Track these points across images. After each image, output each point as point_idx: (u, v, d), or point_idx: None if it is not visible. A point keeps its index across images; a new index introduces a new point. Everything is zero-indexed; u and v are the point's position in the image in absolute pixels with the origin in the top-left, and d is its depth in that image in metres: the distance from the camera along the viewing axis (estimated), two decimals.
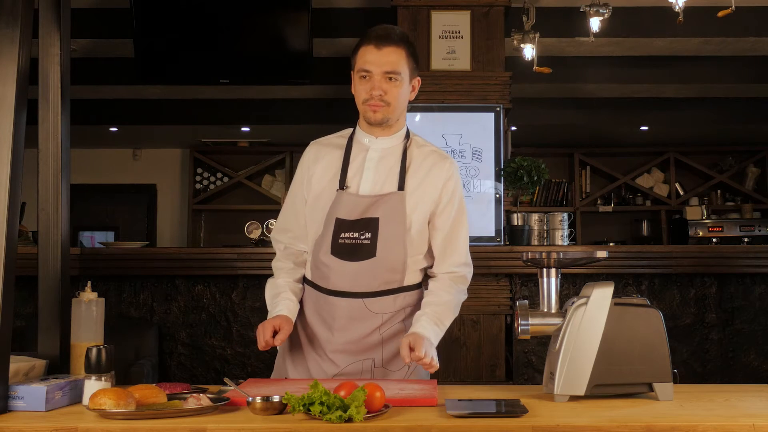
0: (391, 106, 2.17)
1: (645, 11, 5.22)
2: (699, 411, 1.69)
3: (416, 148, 2.24)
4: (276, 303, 2.20)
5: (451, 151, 4.38)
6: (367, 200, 2.15)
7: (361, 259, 2.13)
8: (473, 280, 2.31)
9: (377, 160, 2.20)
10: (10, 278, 1.71)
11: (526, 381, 3.93)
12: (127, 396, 1.64)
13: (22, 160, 1.77)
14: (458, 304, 2.22)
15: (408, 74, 2.19)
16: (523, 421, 1.59)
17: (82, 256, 3.80)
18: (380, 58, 2.14)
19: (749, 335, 3.96)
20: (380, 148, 2.22)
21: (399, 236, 2.14)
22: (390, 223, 2.13)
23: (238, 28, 5.13)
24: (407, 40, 2.20)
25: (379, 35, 2.15)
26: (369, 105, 2.17)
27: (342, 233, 2.14)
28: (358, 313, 2.15)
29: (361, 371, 2.16)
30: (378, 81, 2.15)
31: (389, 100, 2.16)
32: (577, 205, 8.07)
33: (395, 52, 2.15)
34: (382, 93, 2.15)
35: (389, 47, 2.14)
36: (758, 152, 8.12)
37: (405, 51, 2.17)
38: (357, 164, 2.21)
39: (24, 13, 1.78)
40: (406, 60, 2.17)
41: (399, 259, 2.15)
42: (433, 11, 4.57)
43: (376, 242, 2.12)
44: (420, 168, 2.21)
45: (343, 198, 2.16)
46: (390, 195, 2.15)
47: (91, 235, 8.66)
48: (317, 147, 2.30)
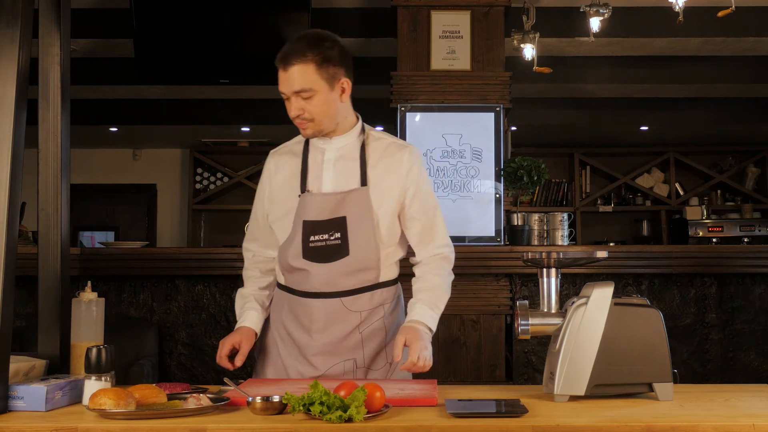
0: (316, 121, 2.13)
1: (645, 11, 5.22)
2: (699, 411, 1.69)
3: (373, 142, 2.23)
4: (242, 315, 2.23)
5: (451, 151, 4.38)
6: (332, 198, 2.14)
7: (335, 259, 2.13)
8: (473, 280, 2.33)
9: (335, 160, 2.19)
10: (10, 278, 1.71)
11: (526, 381, 3.93)
12: (127, 396, 1.64)
13: (22, 160, 1.77)
14: (449, 284, 2.26)
15: (325, 83, 2.10)
16: (523, 421, 1.59)
17: (82, 256, 3.79)
18: (287, 80, 2.09)
19: (749, 335, 3.96)
20: (336, 147, 2.20)
21: (369, 232, 2.13)
22: (358, 220, 2.13)
23: (238, 28, 5.13)
24: (317, 48, 2.09)
25: (283, 55, 2.09)
26: (297, 123, 2.15)
27: (311, 236, 2.13)
28: (337, 313, 2.14)
29: (343, 373, 2.15)
30: (294, 102, 2.11)
31: (310, 116, 2.12)
32: (577, 205, 8.07)
33: (300, 70, 2.07)
34: (301, 112, 2.11)
35: (293, 66, 2.07)
36: (758, 152, 8.12)
37: (313, 63, 2.07)
38: (316, 167, 2.20)
39: (24, 13, 1.78)
40: (315, 71, 2.07)
41: (372, 255, 2.15)
42: (433, 11, 4.57)
43: (347, 241, 2.12)
44: (380, 161, 2.19)
45: (308, 200, 2.15)
46: (354, 191, 2.14)
47: (91, 235, 8.66)
48: (276, 156, 2.29)
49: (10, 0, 1.77)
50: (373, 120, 7.65)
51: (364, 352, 2.16)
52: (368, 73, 5.87)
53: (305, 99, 2.09)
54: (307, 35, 2.13)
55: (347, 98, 2.18)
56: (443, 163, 4.37)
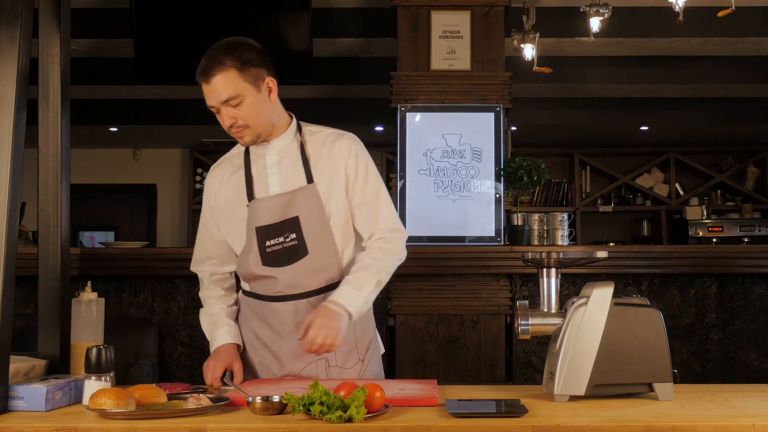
0: (251, 126, 2.10)
1: (645, 11, 5.22)
2: (699, 411, 1.69)
3: (311, 137, 2.20)
4: (215, 333, 2.19)
5: (451, 151, 4.38)
6: (281, 199, 2.12)
7: (295, 260, 2.11)
8: (473, 280, 2.32)
9: (278, 163, 2.17)
10: (10, 278, 1.71)
11: (526, 381, 3.93)
12: (127, 396, 1.64)
13: (22, 160, 1.77)
14: (384, 268, 2.14)
15: (250, 86, 2.07)
16: (523, 421, 1.59)
17: (82, 256, 3.79)
18: (213, 92, 2.05)
19: (749, 335, 3.96)
20: (275, 151, 2.18)
21: (324, 229, 2.12)
22: (311, 218, 2.11)
23: (238, 28, 5.07)
24: (234, 54, 2.06)
25: (202, 69, 2.06)
26: (233, 134, 2.12)
27: (267, 241, 2.12)
28: (305, 314, 2.11)
29: (316, 373, 2.15)
30: (224, 112, 2.08)
31: (245, 122, 2.09)
32: (577, 205, 8.07)
33: (222, 78, 2.04)
34: (235, 120, 2.08)
35: (215, 76, 2.04)
36: (758, 152, 8.12)
37: (233, 69, 2.04)
38: (260, 174, 2.18)
39: (24, 13, 1.78)
40: (238, 76, 2.05)
41: (331, 251, 2.13)
42: (433, 11, 4.57)
43: (304, 240, 2.10)
44: (320, 155, 2.16)
45: (256, 206, 2.13)
46: (301, 190, 2.13)
47: (91, 235, 8.66)
48: (218, 170, 2.26)
49: (10, 0, 1.77)
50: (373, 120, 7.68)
51: (336, 352, 2.13)
52: (368, 73, 5.89)
53: (235, 107, 2.06)
54: (221, 44, 2.09)
55: (275, 97, 2.15)
56: (443, 163, 4.37)
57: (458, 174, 4.36)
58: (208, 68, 2.05)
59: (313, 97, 6.54)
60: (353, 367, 2.17)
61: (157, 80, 5.60)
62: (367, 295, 2.09)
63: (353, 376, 2.16)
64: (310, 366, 2.15)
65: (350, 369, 2.17)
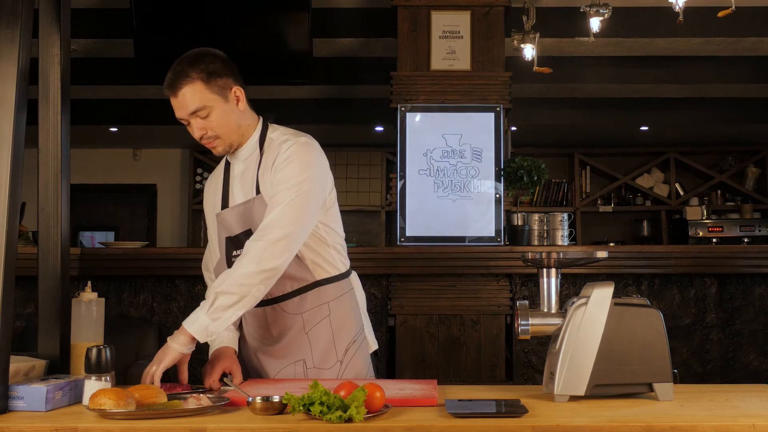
0: (222, 136, 2.11)
1: (645, 11, 5.22)
2: (699, 411, 1.69)
3: (268, 147, 2.17)
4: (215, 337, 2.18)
5: (451, 151, 4.38)
6: (235, 212, 2.14)
7: None
8: (473, 280, 2.31)
9: (242, 173, 2.18)
10: (10, 278, 1.71)
11: (526, 381, 3.93)
12: (127, 396, 1.64)
13: (22, 160, 1.77)
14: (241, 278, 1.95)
15: (217, 97, 2.07)
16: (523, 421, 1.59)
17: (82, 256, 3.79)
18: (181, 104, 2.06)
19: (749, 335, 3.96)
20: (241, 160, 2.19)
21: None
22: None
23: (238, 28, 5.13)
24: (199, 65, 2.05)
25: (169, 82, 2.05)
26: (205, 144, 2.13)
27: (233, 251, 2.14)
28: (278, 319, 2.15)
29: (294, 374, 2.16)
30: (194, 123, 2.08)
31: (215, 133, 2.10)
32: (577, 205, 8.07)
33: (189, 91, 2.04)
34: (204, 132, 2.09)
35: (181, 89, 2.04)
36: (758, 152, 8.12)
37: (199, 81, 2.04)
38: (228, 184, 2.22)
39: (24, 13, 1.78)
40: (205, 88, 2.05)
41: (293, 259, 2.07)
42: (433, 11, 4.57)
43: None
44: (270, 163, 2.13)
45: (221, 218, 2.19)
46: (250, 201, 2.12)
47: (91, 235, 8.66)
48: (208, 180, 2.33)
49: (10, 0, 1.77)
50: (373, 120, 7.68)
51: (312, 352, 2.15)
52: (368, 73, 5.90)
53: (204, 118, 2.07)
54: (185, 57, 2.09)
55: (244, 105, 2.14)
56: (443, 163, 4.37)
57: (458, 174, 4.36)
58: (175, 81, 2.06)
59: (313, 97, 6.54)
60: (331, 368, 2.17)
61: (157, 80, 5.51)
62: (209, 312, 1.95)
63: (332, 377, 2.15)
64: (288, 368, 2.16)
65: (328, 370, 2.17)
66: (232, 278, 1.95)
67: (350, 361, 2.18)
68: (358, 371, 2.20)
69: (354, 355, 2.21)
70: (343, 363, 2.18)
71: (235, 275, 1.95)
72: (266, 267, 1.96)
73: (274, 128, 2.22)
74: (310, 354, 2.15)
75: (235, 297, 1.94)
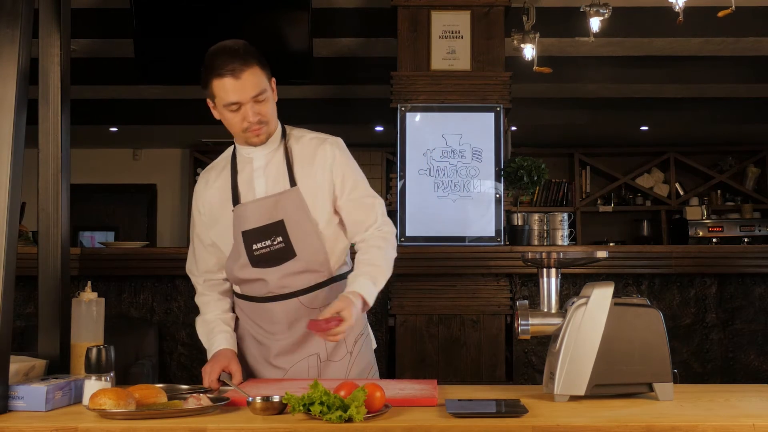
0: (270, 123, 2.15)
1: (645, 11, 5.22)
2: (699, 411, 1.69)
3: (295, 143, 2.22)
4: (212, 340, 2.20)
5: (451, 151, 4.38)
6: (266, 202, 2.14)
7: (283, 262, 2.13)
8: (473, 280, 2.32)
9: (264, 168, 2.19)
10: (10, 278, 1.71)
11: (526, 381, 3.93)
12: (127, 396, 1.64)
13: (22, 160, 1.77)
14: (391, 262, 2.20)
15: (269, 83, 2.13)
16: (523, 421, 1.59)
17: (82, 256, 3.79)
18: (242, 87, 2.06)
19: (749, 335, 3.96)
20: (263, 155, 2.20)
21: (310, 231, 2.14)
22: (296, 221, 2.13)
23: (238, 27, 5.12)
24: (252, 52, 2.11)
25: (231, 66, 2.05)
26: (251, 132, 2.12)
27: (254, 244, 2.13)
28: (296, 313, 2.15)
29: (308, 368, 2.17)
30: (250, 108, 2.08)
31: (266, 118, 2.12)
32: (577, 205, 8.07)
33: (252, 74, 2.07)
34: (260, 116, 2.11)
35: (244, 72, 2.06)
36: (758, 152, 8.13)
37: (257, 65, 2.09)
38: (246, 178, 2.20)
39: (24, 13, 1.78)
40: (262, 73, 2.10)
41: (319, 253, 2.15)
42: (433, 11, 4.56)
43: (291, 243, 2.12)
44: (303, 159, 2.19)
45: (241, 210, 2.15)
46: (286, 193, 2.14)
47: (91, 235, 8.66)
48: (206, 175, 2.29)
49: (10, 0, 1.77)
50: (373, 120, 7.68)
51: (326, 345, 2.17)
52: (368, 73, 5.89)
53: (260, 102, 2.09)
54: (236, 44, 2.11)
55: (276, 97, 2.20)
56: (443, 163, 4.37)
57: (458, 174, 4.36)
58: (237, 65, 2.05)
59: (313, 97, 6.53)
60: (341, 360, 2.19)
61: (157, 80, 5.60)
62: (378, 289, 2.12)
63: (342, 368, 2.18)
64: (302, 362, 2.17)
65: (339, 362, 2.19)
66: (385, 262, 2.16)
67: (359, 353, 2.21)
68: (366, 363, 2.24)
69: (362, 347, 2.24)
70: (352, 354, 2.21)
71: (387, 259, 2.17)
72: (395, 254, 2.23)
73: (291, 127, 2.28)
74: (324, 347, 2.17)
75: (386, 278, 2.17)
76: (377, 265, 2.14)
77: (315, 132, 2.27)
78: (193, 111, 6.88)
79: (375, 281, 2.11)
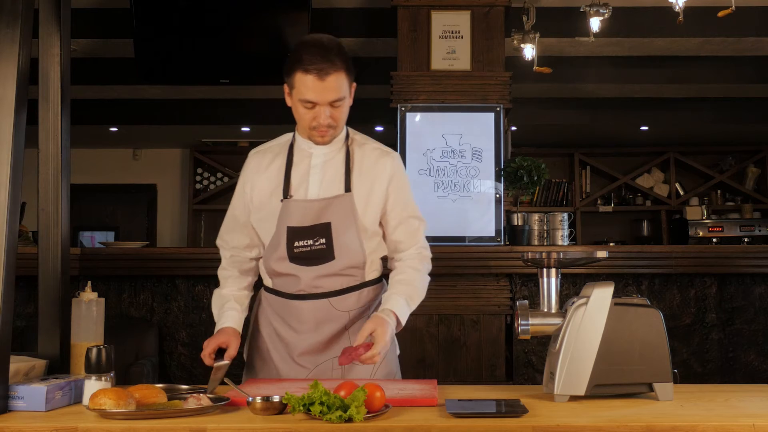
0: (338, 128, 2.16)
1: (645, 11, 5.22)
2: (699, 411, 1.69)
3: (357, 148, 2.23)
4: (221, 315, 2.21)
5: (451, 151, 4.38)
6: (316, 205, 2.14)
7: (320, 263, 2.14)
8: (473, 280, 2.33)
9: (321, 166, 2.19)
10: (10, 278, 1.71)
11: (526, 381, 3.93)
12: (127, 396, 1.64)
13: (22, 160, 1.77)
14: (425, 284, 2.26)
15: (349, 89, 2.13)
16: (523, 421, 1.59)
17: (82, 256, 3.79)
18: (324, 90, 2.06)
19: (749, 335, 3.96)
20: (323, 153, 2.20)
21: (353, 238, 2.14)
22: (342, 226, 2.14)
23: (238, 27, 5.13)
24: (343, 55, 2.10)
25: (319, 66, 2.04)
26: (317, 131, 2.13)
27: (296, 242, 2.14)
28: (325, 314, 2.16)
29: (332, 370, 2.17)
30: (324, 111, 2.09)
31: (337, 123, 2.13)
32: (577, 205, 8.07)
33: (336, 79, 2.06)
34: (332, 120, 2.11)
35: (330, 75, 2.05)
36: (758, 152, 8.13)
37: (343, 71, 2.08)
38: (301, 171, 2.19)
39: (24, 13, 1.78)
40: (345, 79, 2.10)
41: (358, 258, 2.17)
42: (433, 11, 4.57)
43: (332, 246, 2.13)
44: (363, 167, 2.19)
45: (291, 206, 2.15)
46: (338, 198, 2.15)
47: (91, 235, 8.65)
48: (258, 157, 2.27)
49: (10, 0, 1.77)
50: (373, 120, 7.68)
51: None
52: (368, 73, 5.88)
53: (335, 107, 2.10)
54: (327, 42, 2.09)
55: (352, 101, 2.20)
56: (443, 163, 4.37)
57: (458, 174, 4.36)
58: (325, 66, 2.04)
59: None
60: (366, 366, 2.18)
61: (157, 80, 5.60)
62: (411, 310, 2.18)
63: (366, 373, 2.18)
64: (326, 363, 2.17)
65: (364, 366, 2.17)
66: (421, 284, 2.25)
67: (384, 359, 2.20)
68: (390, 369, 2.24)
69: (388, 353, 2.23)
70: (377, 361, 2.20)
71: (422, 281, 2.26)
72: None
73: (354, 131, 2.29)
74: None
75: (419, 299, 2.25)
76: (413, 286, 2.19)
77: (377, 142, 2.29)
78: (193, 111, 6.89)
79: (409, 301, 2.15)
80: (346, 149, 2.21)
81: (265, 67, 5.22)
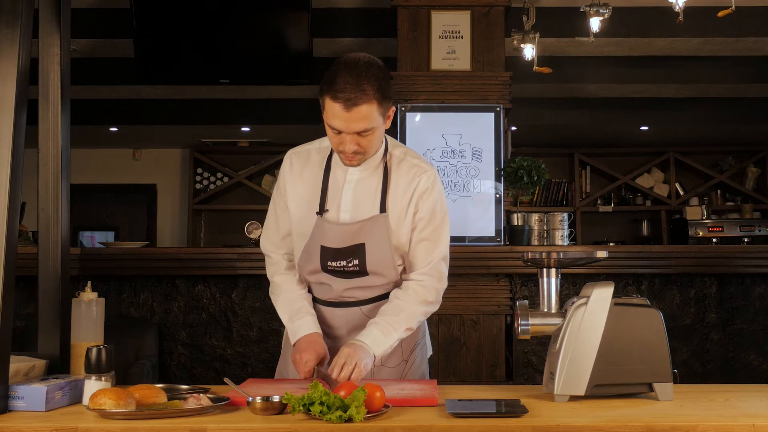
0: (367, 154, 2.07)
1: (645, 11, 5.22)
2: (699, 411, 1.69)
3: (395, 167, 2.15)
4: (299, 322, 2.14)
5: (451, 151, 4.38)
6: (351, 228, 2.11)
7: (353, 278, 2.14)
8: (473, 280, 2.32)
9: (356, 182, 2.13)
10: (10, 278, 1.71)
11: (526, 381, 3.93)
12: (127, 396, 1.64)
13: (22, 160, 1.77)
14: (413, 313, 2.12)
15: (381, 118, 2.01)
16: (523, 421, 1.59)
17: (82, 256, 3.79)
18: (351, 121, 1.95)
19: (749, 335, 3.96)
20: (359, 169, 2.13)
21: (387, 257, 2.12)
22: (376, 246, 2.11)
23: (238, 28, 5.13)
24: (378, 81, 1.97)
25: (346, 96, 1.92)
26: (344, 155, 2.05)
27: (329, 261, 2.12)
28: (357, 321, 2.16)
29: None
30: (351, 139, 1.99)
31: (364, 150, 2.03)
32: (577, 205, 8.07)
33: (365, 110, 1.94)
34: (358, 148, 2.01)
35: (357, 106, 1.93)
36: (758, 152, 8.12)
37: (375, 102, 1.95)
38: (335, 185, 2.14)
39: (24, 13, 1.78)
40: (377, 110, 1.97)
41: (390, 274, 2.14)
42: (433, 11, 4.57)
43: (366, 265, 2.11)
44: (399, 185, 2.13)
45: (325, 226, 2.11)
46: (373, 219, 2.11)
47: (91, 235, 8.65)
48: (296, 159, 2.20)
49: (10, 0, 1.77)
50: None
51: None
52: None
53: (363, 136, 1.99)
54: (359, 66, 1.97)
55: (389, 124, 2.09)
56: (443, 163, 4.37)
57: (458, 174, 4.36)
58: (353, 97, 1.93)
59: (313, 97, 6.48)
60: (396, 366, 2.19)
61: (157, 80, 5.60)
62: (393, 341, 2.08)
63: (395, 375, 2.17)
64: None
65: (393, 368, 2.18)
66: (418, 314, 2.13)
67: (414, 362, 2.21)
68: (420, 373, 2.24)
69: (418, 356, 2.25)
70: (408, 362, 2.21)
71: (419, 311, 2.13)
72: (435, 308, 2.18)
73: (393, 144, 2.20)
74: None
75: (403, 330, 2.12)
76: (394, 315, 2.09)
77: (417, 156, 2.20)
78: (193, 111, 6.89)
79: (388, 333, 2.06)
80: (384, 166, 2.14)
81: (265, 67, 5.23)
